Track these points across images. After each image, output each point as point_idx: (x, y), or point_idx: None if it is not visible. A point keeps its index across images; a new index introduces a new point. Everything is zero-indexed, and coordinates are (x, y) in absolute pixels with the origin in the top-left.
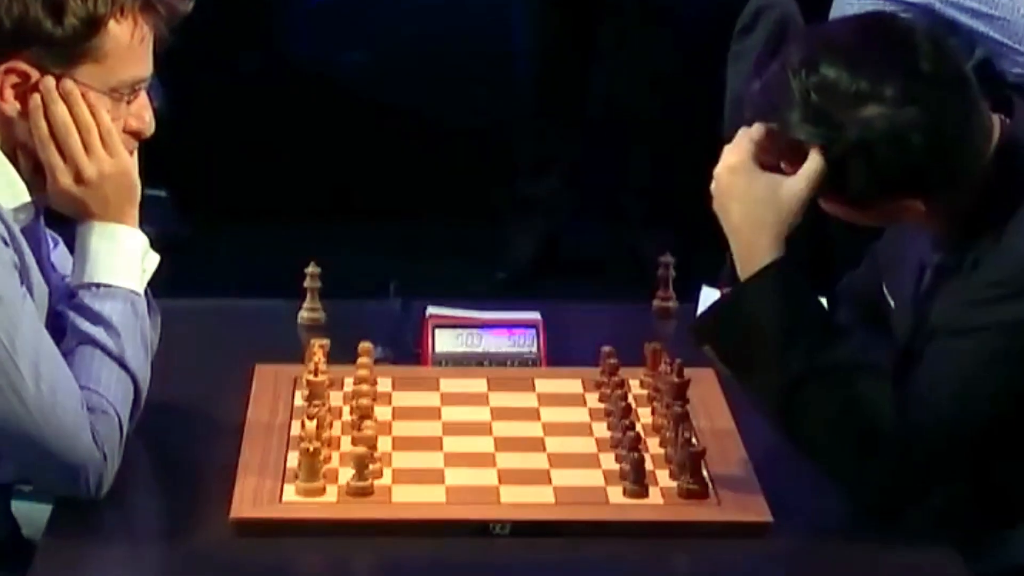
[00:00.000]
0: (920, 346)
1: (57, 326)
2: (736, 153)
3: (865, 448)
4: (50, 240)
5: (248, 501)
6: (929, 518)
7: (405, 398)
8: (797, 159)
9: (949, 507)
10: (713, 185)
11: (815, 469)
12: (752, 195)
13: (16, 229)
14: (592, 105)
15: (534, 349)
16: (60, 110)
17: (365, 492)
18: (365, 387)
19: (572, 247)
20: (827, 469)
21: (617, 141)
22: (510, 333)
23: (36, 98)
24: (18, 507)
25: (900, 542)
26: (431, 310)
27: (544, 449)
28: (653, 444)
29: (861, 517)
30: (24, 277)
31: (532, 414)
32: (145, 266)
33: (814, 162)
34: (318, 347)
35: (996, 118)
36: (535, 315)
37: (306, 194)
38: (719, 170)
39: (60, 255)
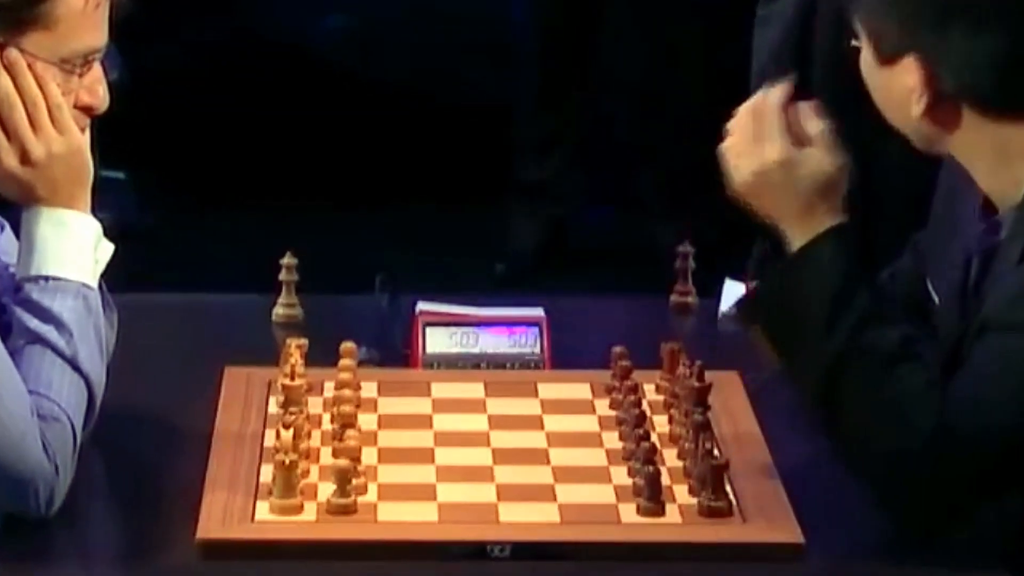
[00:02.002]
0: (968, 345)
1: (1, 322)
2: (774, 143)
3: (902, 454)
4: None
5: (216, 520)
6: (978, 537)
7: (392, 405)
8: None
9: (1000, 525)
10: (752, 180)
11: (851, 483)
12: (805, 179)
13: None
14: (602, 78)
15: (537, 350)
16: (4, 83)
17: (347, 510)
18: (347, 392)
19: (580, 235)
20: (863, 477)
21: (630, 118)
22: (510, 332)
23: None
24: None
25: (947, 564)
26: (421, 306)
27: (548, 462)
28: (670, 456)
29: (903, 537)
30: None
31: (535, 423)
32: (98, 256)
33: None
34: (295, 347)
35: None
36: (538, 311)
37: (281, 177)
38: (765, 166)
39: (5, 241)
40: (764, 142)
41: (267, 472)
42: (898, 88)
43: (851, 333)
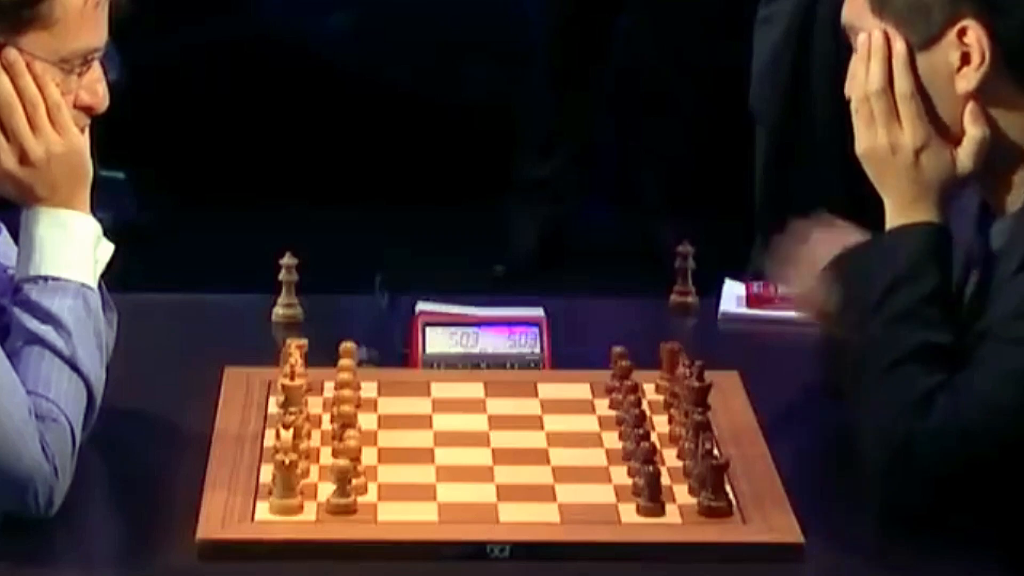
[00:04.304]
0: (969, 348)
1: (0, 324)
2: (915, 128)
3: (884, 450)
4: None
5: (216, 520)
6: (977, 536)
7: (392, 405)
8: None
9: (1001, 527)
10: (877, 154)
11: (852, 483)
12: (930, 172)
13: None
14: (604, 77)
15: (537, 350)
16: (3, 83)
17: (347, 510)
18: (347, 392)
19: (580, 235)
20: (862, 459)
21: (631, 117)
22: (510, 332)
23: None
24: None
25: (945, 564)
26: (421, 306)
27: (548, 462)
28: (670, 456)
29: (902, 537)
30: None
31: (534, 422)
32: (98, 256)
33: (976, 130)
34: (295, 347)
35: None
36: (538, 312)
37: (282, 176)
38: (897, 148)
39: (3, 243)
40: (902, 123)
41: (267, 472)
42: (942, 71)
43: (884, 324)
